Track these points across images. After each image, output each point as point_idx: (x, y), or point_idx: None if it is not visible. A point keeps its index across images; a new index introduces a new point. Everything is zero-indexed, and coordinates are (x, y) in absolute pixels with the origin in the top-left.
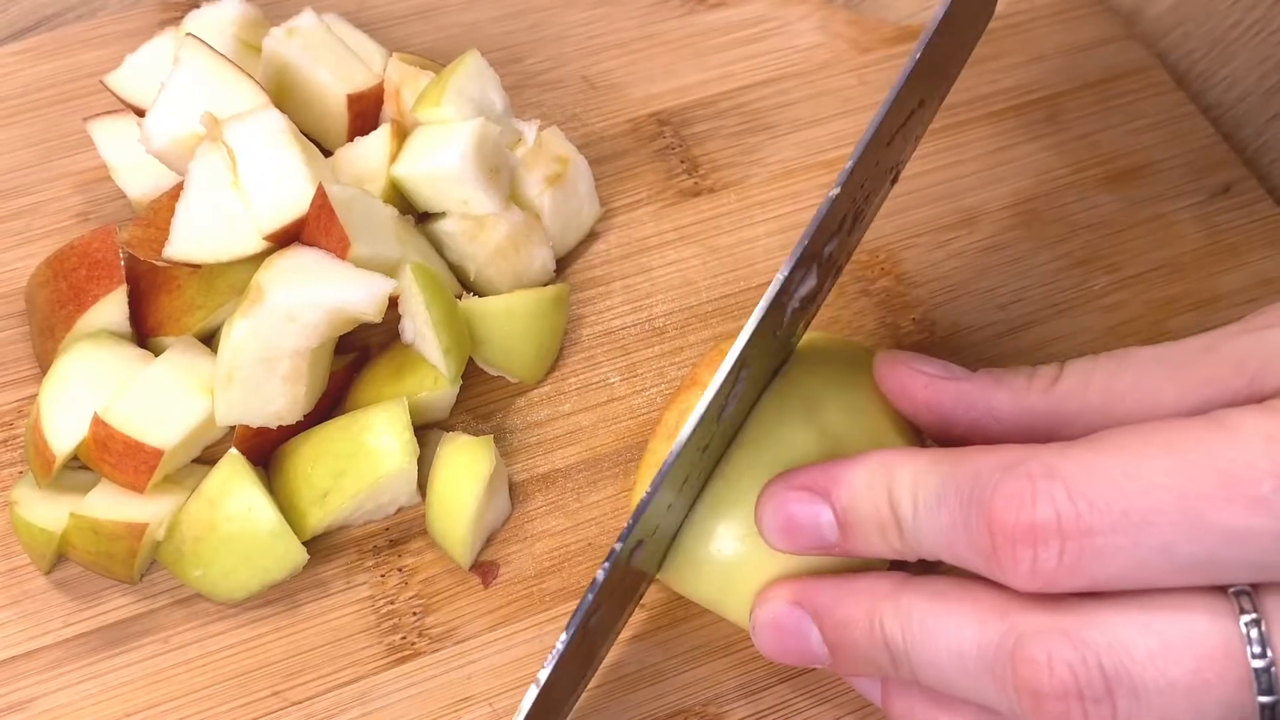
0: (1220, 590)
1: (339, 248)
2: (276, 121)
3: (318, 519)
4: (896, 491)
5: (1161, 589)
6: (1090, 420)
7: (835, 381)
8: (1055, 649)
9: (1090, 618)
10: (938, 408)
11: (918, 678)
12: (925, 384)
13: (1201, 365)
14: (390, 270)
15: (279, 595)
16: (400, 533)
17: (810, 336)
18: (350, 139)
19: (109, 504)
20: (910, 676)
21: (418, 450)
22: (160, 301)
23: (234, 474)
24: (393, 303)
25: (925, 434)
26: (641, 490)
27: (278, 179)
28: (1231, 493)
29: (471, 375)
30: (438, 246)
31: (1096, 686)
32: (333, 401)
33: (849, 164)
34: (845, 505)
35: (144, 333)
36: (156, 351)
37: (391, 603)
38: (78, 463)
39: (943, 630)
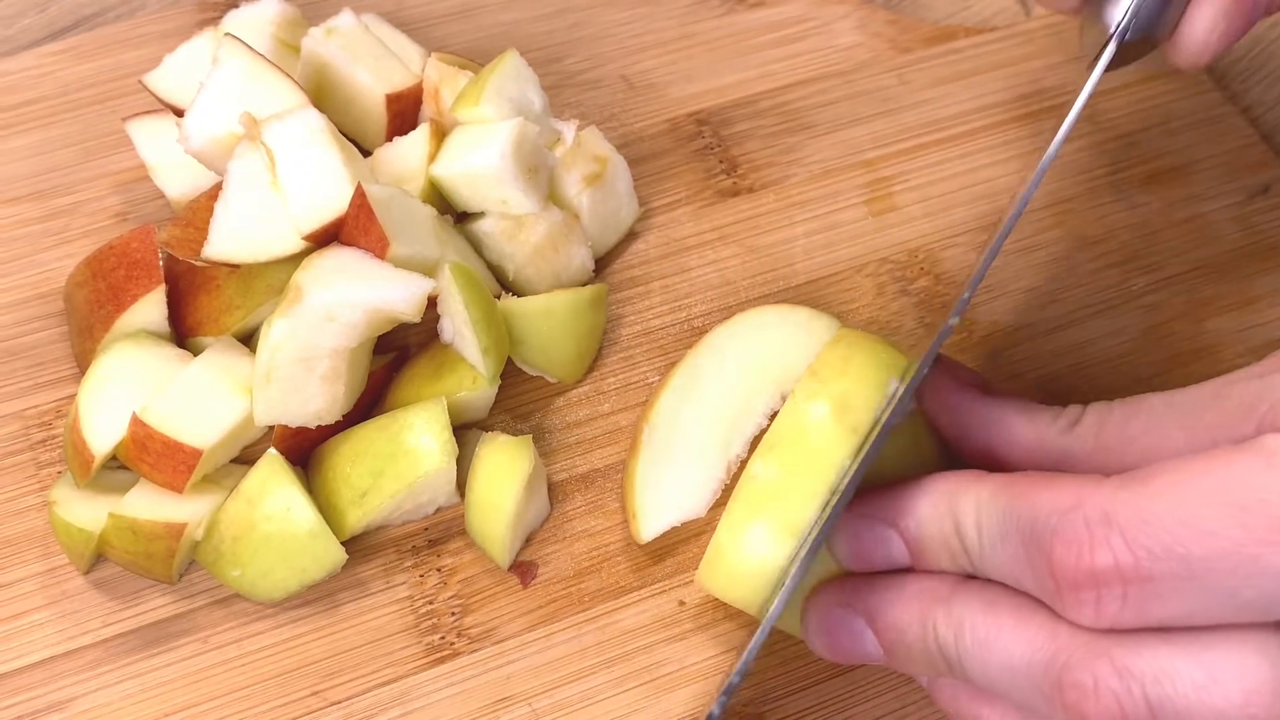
0: (1273, 626)
1: (378, 247)
2: (315, 121)
3: (356, 519)
4: (962, 521)
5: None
6: (1101, 461)
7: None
8: (1102, 676)
9: (1138, 647)
10: (959, 420)
11: (968, 679)
12: (955, 390)
13: (1210, 411)
14: (429, 270)
15: (318, 595)
16: (439, 533)
17: (851, 334)
18: (389, 139)
19: (148, 504)
20: (962, 677)
21: (456, 450)
22: (199, 301)
23: (273, 474)
24: (431, 302)
25: (941, 438)
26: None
27: (316, 179)
28: None
29: (510, 375)
30: (476, 246)
31: (1141, 715)
32: (371, 401)
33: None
34: (914, 535)
35: (182, 333)
36: (195, 351)
37: (430, 603)
38: (116, 463)
39: (994, 643)
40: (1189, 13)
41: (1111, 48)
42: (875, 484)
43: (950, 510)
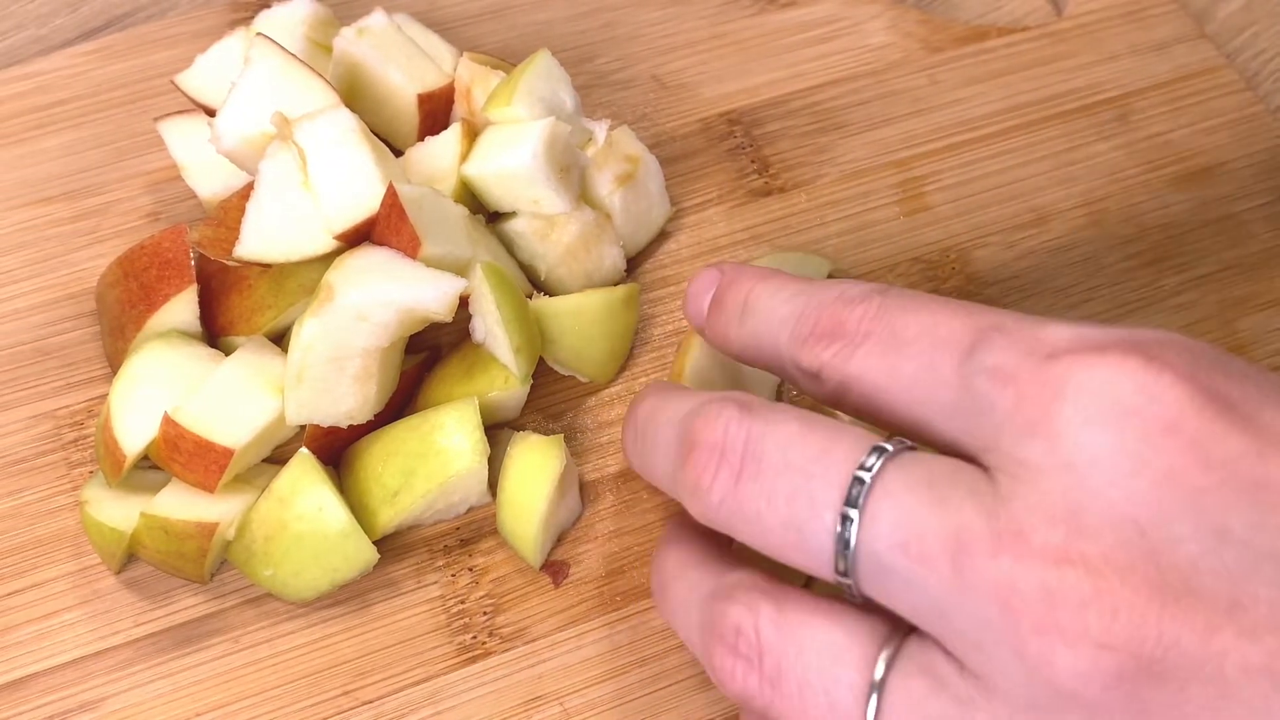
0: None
1: (409, 247)
2: (347, 121)
3: (388, 518)
4: (753, 293)
5: None
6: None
7: None
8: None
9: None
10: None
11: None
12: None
13: None
14: (461, 269)
15: (349, 595)
16: (471, 532)
17: None
18: (421, 138)
19: (179, 503)
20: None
21: (488, 450)
22: (230, 301)
23: (304, 473)
24: (463, 302)
25: None
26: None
27: (348, 178)
28: None
29: (542, 375)
30: (508, 246)
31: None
32: (403, 401)
33: None
34: (718, 294)
35: (214, 332)
36: (227, 351)
37: (462, 602)
38: (148, 462)
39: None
40: None
41: None
42: None
43: (751, 285)
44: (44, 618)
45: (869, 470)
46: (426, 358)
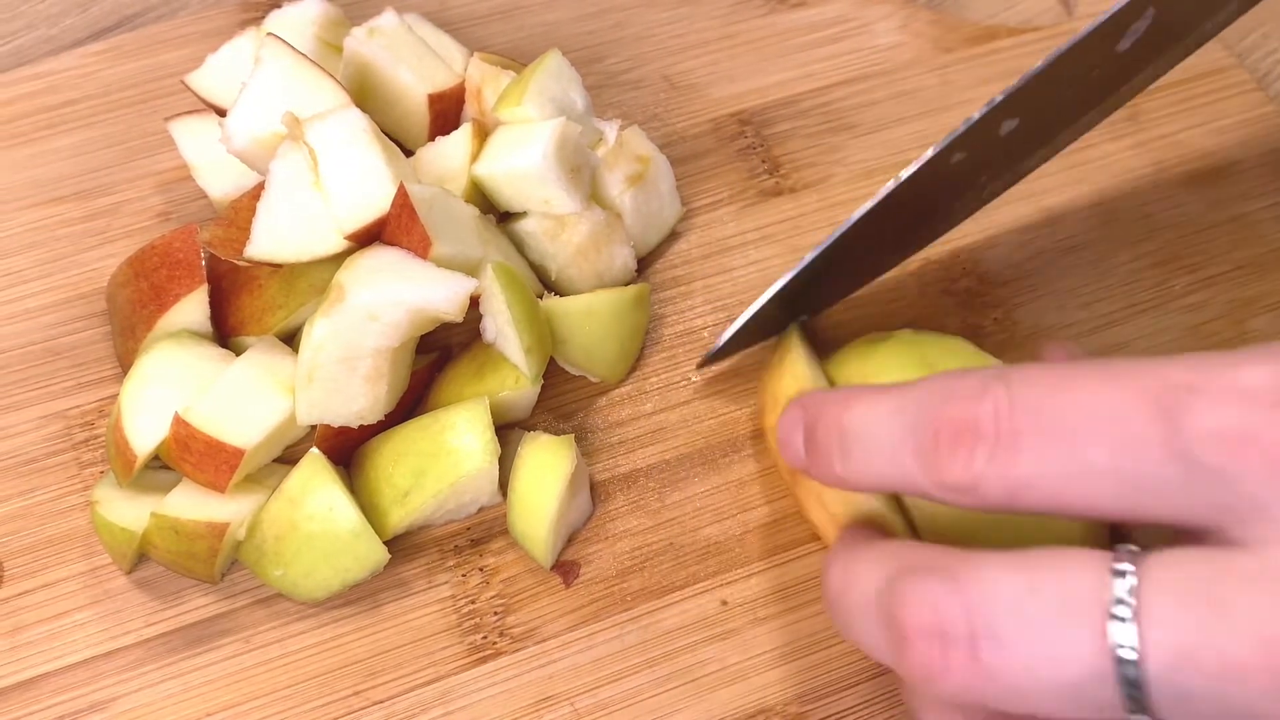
0: (1110, 551)
1: (420, 247)
2: (358, 121)
3: (399, 518)
4: (847, 419)
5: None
6: None
7: None
8: (927, 586)
9: (966, 563)
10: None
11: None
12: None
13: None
14: (471, 270)
15: (360, 595)
16: (481, 532)
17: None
18: (431, 138)
19: (190, 503)
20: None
21: (499, 450)
22: (241, 301)
23: (315, 473)
24: (474, 302)
25: None
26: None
27: (359, 178)
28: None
29: (553, 375)
30: (519, 246)
31: (958, 626)
32: (414, 401)
33: None
34: (808, 434)
35: (225, 332)
36: (238, 351)
37: (473, 602)
38: (159, 462)
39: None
40: None
41: None
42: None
43: (842, 410)
44: (55, 618)
45: (1127, 604)
46: (437, 358)
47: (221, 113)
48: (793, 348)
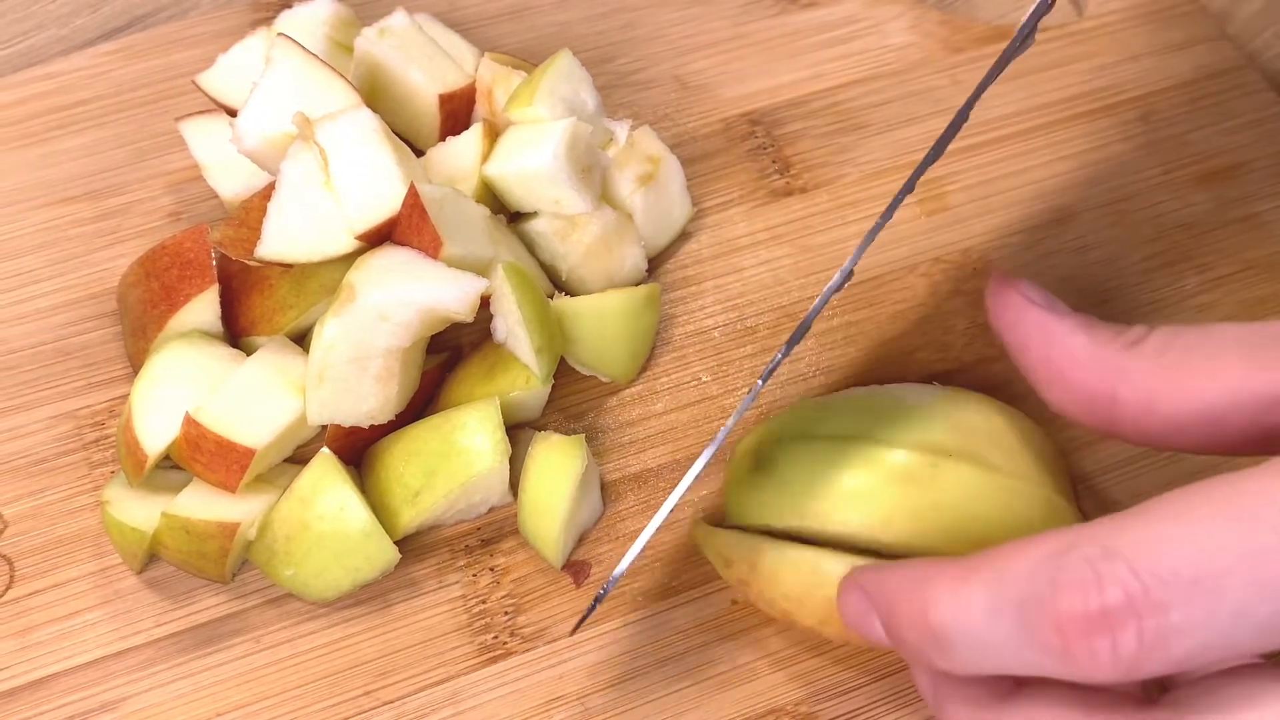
0: None
1: (431, 247)
2: (368, 121)
3: (410, 518)
4: (934, 613)
5: (1246, 665)
6: (1153, 383)
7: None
8: None
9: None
10: (1018, 331)
11: None
12: (1017, 303)
13: (1275, 349)
14: (482, 270)
15: (371, 595)
16: (492, 532)
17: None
18: (442, 139)
19: (201, 503)
20: None
21: (509, 450)
22: (252, 301)
23: (326, 473)
24: (485, 302)
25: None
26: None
27: (370, 179)
28: None
29: (563, 375)
30: (530, 246)
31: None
32: (425, 401)
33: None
34: (888, 628)
35: (236, 332)
36: (248, 351)
37: (483, 602)
38: (169, 462)
39: None
40: None
41: None
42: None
43: (921, 602)
44: (65, 618)
45: None
46: (448, 358)
47: (232, 113)
48: (767, 548)
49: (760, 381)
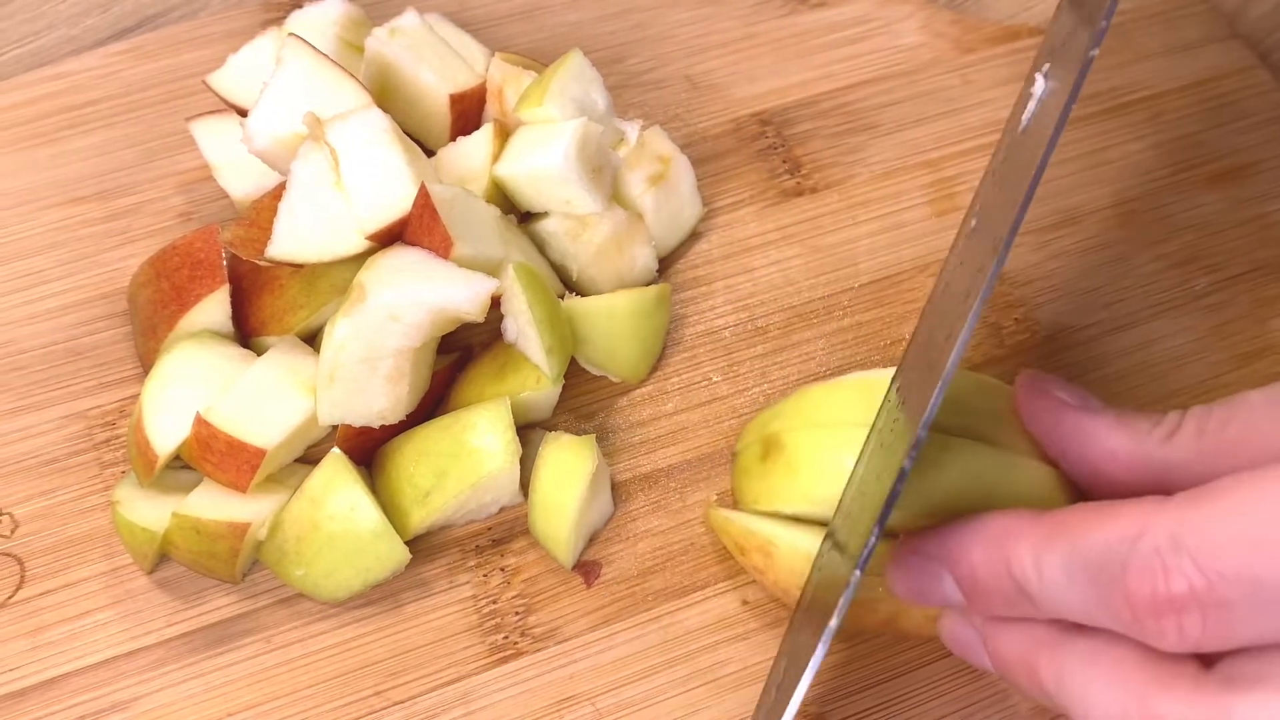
0: None
1: (441, 247)
2: (379, 121)
3: (420, 518)
4: (1017, 567)
5: None
6: (1201, 470)
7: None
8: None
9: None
10: (1056, 435)
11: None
12: (1049, 408)
13: None
14: (493, 270)
15: (381, 595)
16: (503, 532)
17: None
18: (453, 139)
19: (211, 503)
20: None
21: (520, 450)
22: (263, 301)
23: (336, 473)
24: (495, 302)
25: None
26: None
27: (380, 179)
28: None
29: (574, 375)
30: (540, 246)
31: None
32: (435, 401)
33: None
34: (968, 579)
35: (246, 332)
36: (259, 351)
37: (494, 602)
38: (180, 462)
39: (1087, 690)
40: None
41: None
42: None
43: (1004, 556)
44: (76, 618)
45: None
46: (458, 358)
47: (243, 113)
48: (781, 535)
49: (858, 572)
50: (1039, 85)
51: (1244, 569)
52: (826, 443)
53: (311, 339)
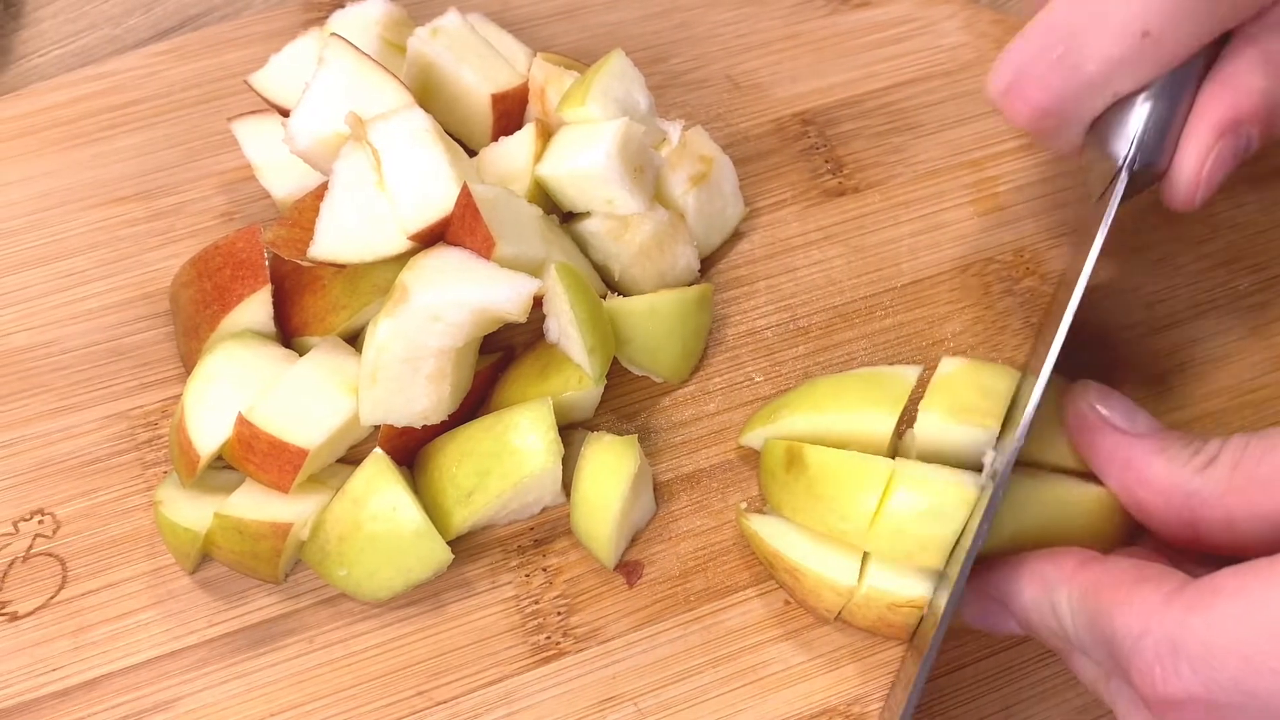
0: None
1: (484, 247)
2: (421, 121)
3: (462, 518)
4: (1058, 612)
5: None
6: (1229, 505)
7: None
8: None
9: None
10: (1098, 459)
11: None
12: (1091, 425)
13: None
14: (535, 270)
15: (424, 595)
16: (545, 532)
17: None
18: (495, 139)
19: (253, 504)
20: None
21: (562, 450)
22: (305, 301)
23: (379, 473)
24: (537, 302)
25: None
26: None
27: (422, 179)
28: None
29: (616, 375)
30: (582, 246)
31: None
32: (477, 401)
33: None
34: (1020, 617)
35: (288, 332)
36: (301, 351)
37: (536, 602)
38: (222, 462)
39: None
40: (1179, 150)
41: (1124, 178)
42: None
43: (1049, 599)
44: (119, 618)
45: None
46: (500, 358)
47: (284, 113)
48: (807, 562)
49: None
50: None
51: (1240, 682)
52: (847, 476)
53: (353, 339)
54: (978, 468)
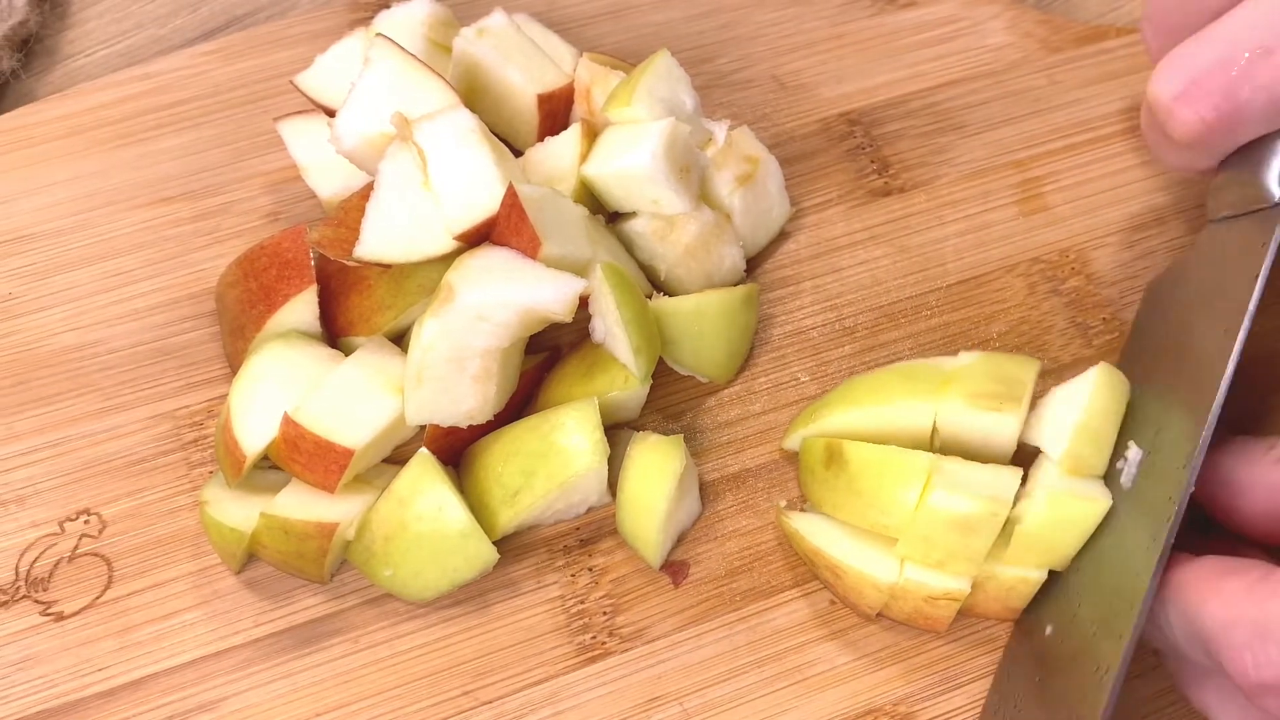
0: None
1: (529, 247)
2: (467, 121)
3: (508, 518)
4: (1157, 617)
5: None
6: None
7: None
8: None
9: None
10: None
11: None
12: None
13: None
14: (580, 270)
15: (469, 595)
16: (590, 532)
17: None
18: (540, 139)
19: (299, 504)
20: None
21: (608, 450)
22: (350, 301)
23: (424, 473)
24: (583, 302)
25: None
26: None
27: (468, 179)
28: None
29: (662, 375)
30: (628, 246)
31: None
32: (523, 401)
33: None
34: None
35: (334, 332)
36: (347, 351)
37: (582, 602)
38: (268, 462)
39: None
40: None
41: None
42: None
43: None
44: (164, 618)
45: None
46: (546, 358)
47: (330, 113)
48: (847, 559)
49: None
50: None
51: None
52: (889, 471)
53: (399, 339)
54: (1002, 454)
